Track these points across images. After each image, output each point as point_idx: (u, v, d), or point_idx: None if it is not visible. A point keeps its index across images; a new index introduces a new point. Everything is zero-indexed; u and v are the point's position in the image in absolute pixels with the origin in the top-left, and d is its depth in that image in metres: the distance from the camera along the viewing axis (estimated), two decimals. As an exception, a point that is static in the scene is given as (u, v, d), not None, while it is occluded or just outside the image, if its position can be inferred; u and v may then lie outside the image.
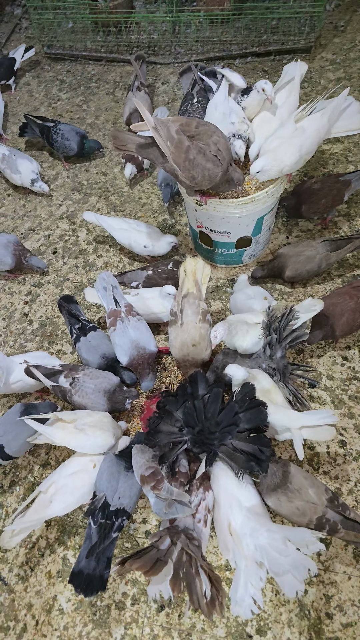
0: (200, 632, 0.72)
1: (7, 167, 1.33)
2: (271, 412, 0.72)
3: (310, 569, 0.59)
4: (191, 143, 0.82)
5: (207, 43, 1.73)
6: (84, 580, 0.66)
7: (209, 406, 0.70)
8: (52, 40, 1.82)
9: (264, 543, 0.61)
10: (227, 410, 0.70)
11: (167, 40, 1.76)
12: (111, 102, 1.67)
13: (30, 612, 0.76)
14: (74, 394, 0.84)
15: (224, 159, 0.82)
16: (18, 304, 1.19)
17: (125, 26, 1.75)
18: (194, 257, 0.92)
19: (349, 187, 1.08)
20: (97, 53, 1.79)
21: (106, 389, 0.85)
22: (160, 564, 0.60)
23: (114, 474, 0.72)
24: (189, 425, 0.71)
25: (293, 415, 0.72)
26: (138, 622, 0.74)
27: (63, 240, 1.31)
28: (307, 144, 0.88)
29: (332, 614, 0.72)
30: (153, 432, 0.71)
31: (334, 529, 0.67)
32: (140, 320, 0.92)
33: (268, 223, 1.07)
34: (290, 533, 0.61)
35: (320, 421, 0.69)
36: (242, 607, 0.60)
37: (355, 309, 0.88)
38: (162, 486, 0.65)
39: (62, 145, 1.38)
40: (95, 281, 1.00)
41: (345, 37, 1.76)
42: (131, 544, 0.80)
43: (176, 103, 1.63)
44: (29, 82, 1.82)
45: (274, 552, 0.60)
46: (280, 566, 0.59)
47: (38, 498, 0.73)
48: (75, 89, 1.75)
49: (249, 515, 0.65)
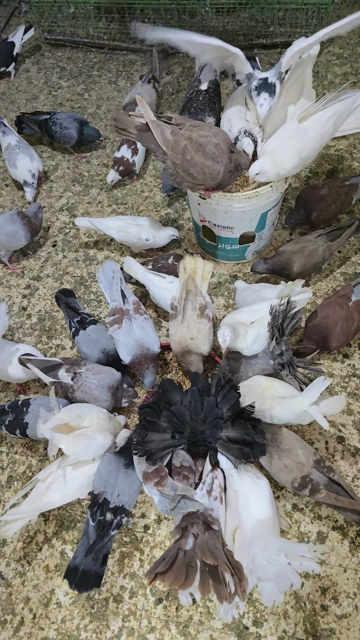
0: (198, 624, 0.73)
1: (7, 158, 1.29)
2: (276, 409, 0.72)
3: (294, 584, 0.59)
4: (189, 142, 0.80)
5: (213, 33, 1.68)
6: (80, 576, 0.66)
7: (190, 407, 0.70)
8: (52, 25, 1.76)
9: (257, 551, 0.62)
10: (207, 406, 0.70)
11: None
12: (113, 91, 1.64)
13: (27, 605, 0.76)
14: (76, 389, 0.82)
15: (223, 153, 0.80)
16: (16, 297, 1.17)
17: (129, 13, 1.71)
18: (193, 256, 0.90)
19: (356, 190, 1.08)
20: (99, 40, 1.75)
21: (110, 384, 0.84)
22: (192, 572, 0.59)
23: (112, 472, 0.71)
24: (177, 431, 0.71)
25: (298, 400, 0.72)
26: (136, 614, 0.74)
27: (63, 232, 1.28)
28: (308, 148, 0.84)
29: (327, 605, 0.73)
30: (142, 442, 0.69)
31: (315, 489, 0.69)
32: (146, 319, 0.91)
33: (272, 219, 1.06)
34: (288, 547, 0.61)
35: (319, 391, 0.70)
36: (225, 609, 0.61)
37: (347, 317, 0.88)
38: (165, 482, 0.65)
39: (62, 135, 1.34)
40: (100, 270, 0.97)
41: (352, 31, 1.72)
42: (130, 538, 0.80)
43: (180, 94, 1.60)
44: (29, 68, 1.77)
45: (263, 559, 0.60)
46: (265, 572, 0.60)
47: (35, 487, 0.73)
48: (76, 77, 1.70)
49: (255, 528, 0.65)
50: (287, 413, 0.73)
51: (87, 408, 0.78)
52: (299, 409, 0.71)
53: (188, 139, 0.81)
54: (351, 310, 0.89)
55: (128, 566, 0.78)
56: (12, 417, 0.82)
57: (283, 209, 1.23)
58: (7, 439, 0.94)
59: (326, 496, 0.69)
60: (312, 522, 0.80)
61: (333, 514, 0.80)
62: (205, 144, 0.80)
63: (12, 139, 1.29)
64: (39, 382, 1.01)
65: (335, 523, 0.79)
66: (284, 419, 0.74)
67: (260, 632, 0.71)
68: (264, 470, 0.75)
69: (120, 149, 1.26)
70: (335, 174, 1.29)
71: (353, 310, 0.89)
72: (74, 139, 1.36)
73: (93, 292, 1.16)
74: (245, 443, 0.68)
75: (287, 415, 0.73)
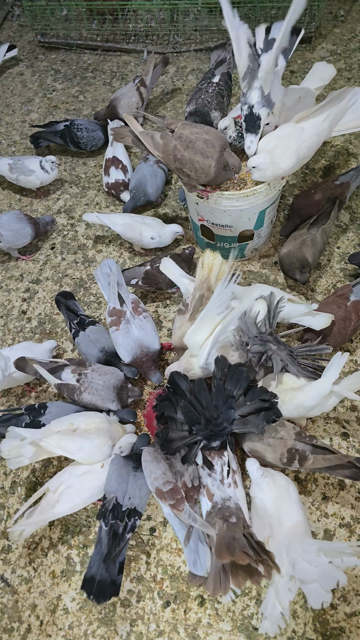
0: (207, 626, 0.72)
1: (20, 173, 1.24)
2: (300, 397, 0.72)
3: (340, 581, 0.58)
4: (178, 141, 0.80)
5: (206, 32, 1.69)
6: (97, 586, 0.65)
7: (200, 397, 0.70)
8: (45, 28, 1.76)
9: (296, 555, 0.61)
10: (217, 391, 0.70)
11: (165, 29, 1.72)
12: (108, 92, 1.63)
13: (34, 612, 0.76)
14: (83, 391, 0.82)
15: (214, 148, 0.80)
16: (16, 301, 1.16)
17: (122, 14, 1.71)
18: (214, 252, 0.87)
19: (348, 188, 1.07)
20: (92, 42, 1.74)
21: (115, 385, 0.84)
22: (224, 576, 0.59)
23: (122, 475, 0.70)
24: (194, 422, 0.70)
25: (321, 382, 0.72)
26: (144, 618, 0.73)
27: (61, 235, 1.28)
28: (305, 147, 0.83)
29: (336, 604, 0.72)
30: (166, 443, 0.69)
31: (303, 458, 0.70)
32: (146, 318, 0.90)
33: (270, 216, 1.06)
34: (326, 546, 0.61)
35: (340, 367, 0.70)
36: (272, 621, 0.60)
37: (345, 318, 0.88)
38: (182, 507, 0.63)
39: (90, 138, 1.30)
40: (97, 268, 0.97)
41: (345, 27, 1.73)
42: (136, 542, 0.79)
43: (175, 94, 1.59)
44: (23, 71, 1.77)
45: (304, 563, 0.59)
46: (308, 574, 0.59)
47: (45, 497, 0.72)
48: (71, 79, 1.70)
49: (288, 534, 0.65)
50: (311, 398, 0.73)
51: (81, 415, 0.78)
52: (324, 390, 0.71)
53: (178, 137, 0.81)
54: (349, 310, 0.88)
55: (135, 569, 0.77)
56: (29, 419, 0.82)
57: (281, 206, 1.22)
58: (9, 444, 0.93)
59: (315, 461, 0.70)
60: (319, 520, 0.79)
61: (339, 511, 0.79)
62: (195, 140, 0.80)
63: (5, 160, 1.24)
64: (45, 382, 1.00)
65: (342, 520, 0.79)
66: (309, 405, 0.73)
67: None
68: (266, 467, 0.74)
69: (109, 174, 1.21)
70: (331, 169, 1.29)
71: (351, 310, 0.88)
72: (101, 141, 1.33)
73: (93, 294, 1.15)
74: (262, 410, 0.69)
75: (311, 400, 0.73)
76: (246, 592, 0.74)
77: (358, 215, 1.20)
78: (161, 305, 1.10)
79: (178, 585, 0.75)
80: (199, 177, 0.83)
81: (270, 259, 1.15)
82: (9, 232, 1.12)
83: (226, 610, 0.72)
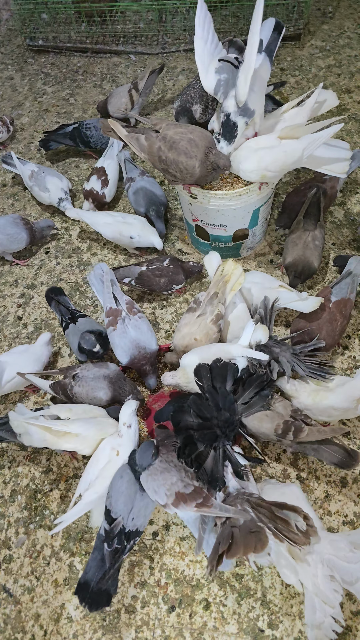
0: (212, 630, 0.71)
1: (36, 185, 1.22)
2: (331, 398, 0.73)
3: None
4: (162, 142, 0.80)
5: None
6: (90, 595, 0.65)
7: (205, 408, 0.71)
8: (34, 31, 1.75)
9: (329, 555, 0.59)
10: (210, 396, 0.72)
11: (153, 30, 1.72)
12: (99, 94, 1.63)
13: (37, 622, 0.75)
14: (74, 385, 0.83)
15: (198, 148, 0.79)
16: (11, 307, 1.15)
17: (110, 15, 1.70)
18: (235, 262, 0.89)
19: (337, 182, 1.08)
20: (82, 44, 1.74)
21: (105, 374, 0.84)
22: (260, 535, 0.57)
23: (130, 495, 0.69)
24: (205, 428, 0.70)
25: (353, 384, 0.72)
26: (149, 624, 0.73)
27: (55, 239, 1.27)
28: (269, 158, 0.81)
29: (341, 602, 0.71)
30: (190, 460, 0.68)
31: (299, 429, 0.71)
32: (141, 318, 0.90)
33: (264, 215, 1.06)
34: (352, 537, 0.59)
35: None
36: (323, 629, 0.57)
37: (330, 320, 0.88)
38: (211, 502, 0.61)
39: (100, 137, 1.28)
40: (90, 272, 0.97)
41: (333, 23, 1.74)
42: (139, 547, 0.79)
43: (166, 94, 1.59)
44: (12, 76, 1.76)
45: (342, 562, 0.58)
46: (352, 574, 0.57)
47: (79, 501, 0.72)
48: (61, 82, 1.69)
49: None
50: (342, 400, 0.72)
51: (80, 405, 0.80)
52: (356, 393, 0.71)
53: (162, 138, 0.81)
54: (333, 311, 0.88)
55: (138, 575, 0.76)
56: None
57: (275, 204, 1.22)
58: (8, 452, 0.92)
59: (310, 432, 0.70)
60: (322, 517, 0.79)
61: (342, 509, 0.79)
62: (179, 140, 0.80)
63: (31, 166, 1.23)
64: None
65: (345, 518, 0.78)
66: (339, 407, 0.73)
67: (277, 634, 0.70)
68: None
69: (90, 180, 1.22)
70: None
71: (334, 311, 0.88)
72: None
73: (89, 297, 1.14)
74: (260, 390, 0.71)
75: (342, 402, 0.73)
76: (251, 594, 0.73)
77: (352, 212, 1.19)
78: (158, 307, 1.09)
79: (182, 589, 0.74)
80: (184, 177, 0.82)
81: (265, 257, 1.15)
82: (3, 235, 1.11)
83: (232, 612, 0.72)
